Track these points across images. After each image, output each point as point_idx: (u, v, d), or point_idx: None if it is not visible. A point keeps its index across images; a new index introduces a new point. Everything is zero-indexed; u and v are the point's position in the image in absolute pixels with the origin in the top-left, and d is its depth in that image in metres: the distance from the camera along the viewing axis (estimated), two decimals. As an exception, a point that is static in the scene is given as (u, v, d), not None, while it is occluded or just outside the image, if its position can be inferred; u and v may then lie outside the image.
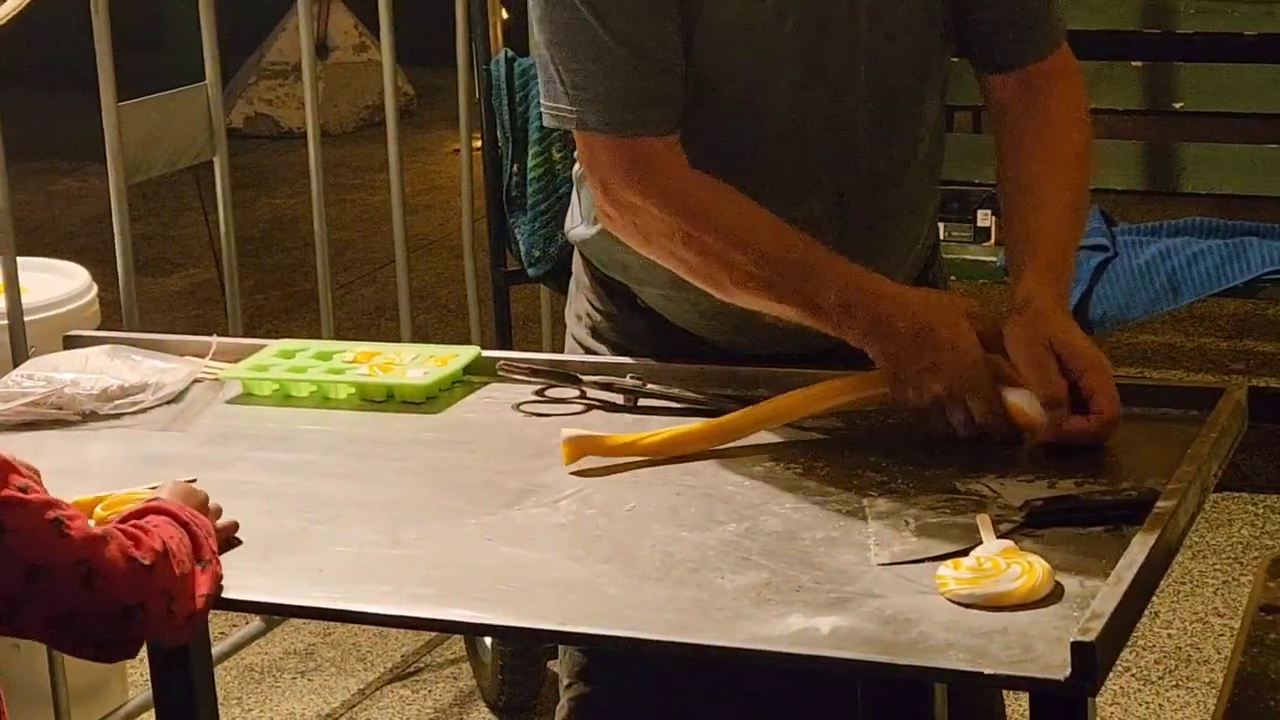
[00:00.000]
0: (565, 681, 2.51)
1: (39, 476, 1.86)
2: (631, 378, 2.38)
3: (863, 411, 2.27)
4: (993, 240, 5.05)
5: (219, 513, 2.04)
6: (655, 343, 2.45)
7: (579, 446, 2.20)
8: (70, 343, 2.71)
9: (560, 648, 2.59)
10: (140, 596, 1.81)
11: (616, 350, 2.48)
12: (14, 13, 3.01)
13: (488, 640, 3.94)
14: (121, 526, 1.85)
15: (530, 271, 3.78)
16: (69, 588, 1.77)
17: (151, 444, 2.37)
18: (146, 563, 1.81)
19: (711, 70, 2.26)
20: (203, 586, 1.89)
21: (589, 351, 2.50)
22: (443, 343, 3.03)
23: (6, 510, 1.75)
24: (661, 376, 2.38)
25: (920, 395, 2.16)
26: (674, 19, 2.22)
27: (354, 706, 4.10)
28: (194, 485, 2.07)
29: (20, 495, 1.76)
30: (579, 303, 2.54)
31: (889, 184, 2.38)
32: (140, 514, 1.91)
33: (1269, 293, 4.82)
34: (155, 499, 1.96)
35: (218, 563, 1.93)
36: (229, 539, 2.03)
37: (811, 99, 2.29)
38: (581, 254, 2.51)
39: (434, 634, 4.29)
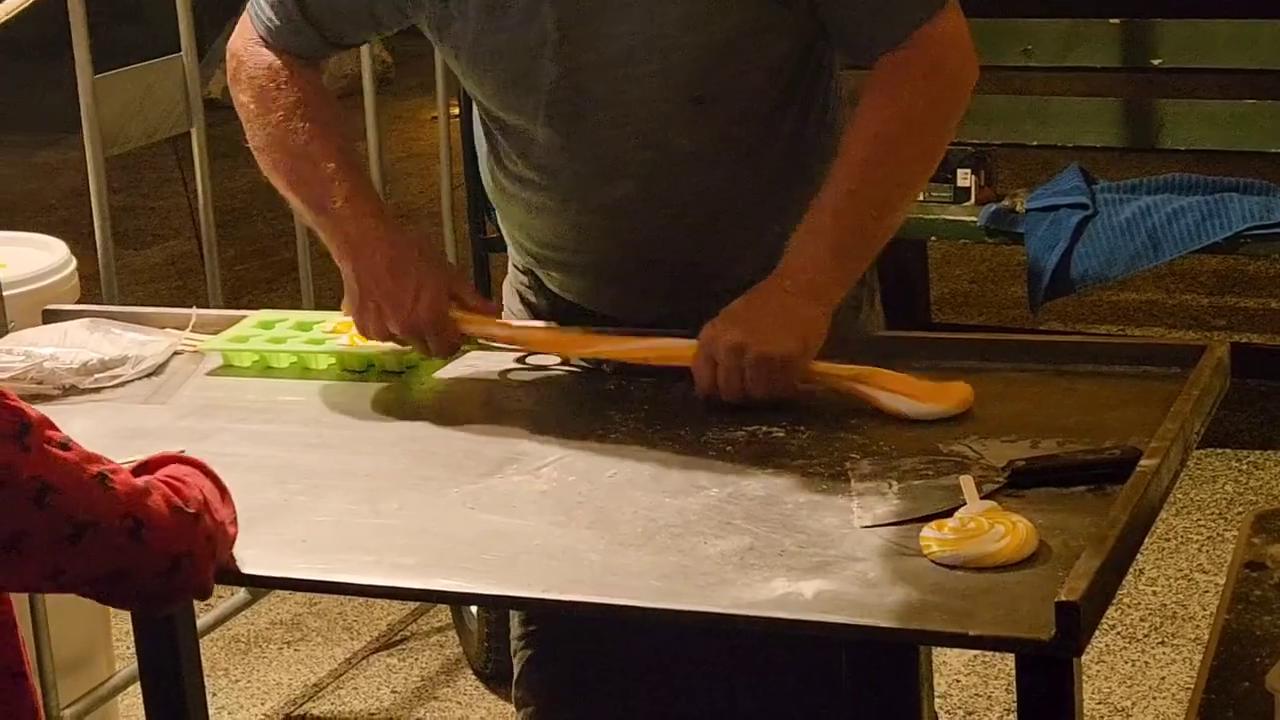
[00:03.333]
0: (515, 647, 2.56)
1: None
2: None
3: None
4: (973, 200, 5.04)
5: None
6: (553, 316, 2.51)
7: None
8: (49, 317, 2.70)
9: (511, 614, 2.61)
10: (188, 545, 1.78)
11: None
12: (16, 11, 3.00)
13: (474, 608, 3.94)
14: (161, 478, 1.82)
15: (510, 238, 3.76)
16: (118, 542, 1.73)
17: (132, 417, 2.36)
18: (191, 511, 1.79)
19: (482, 72, 2.37)
20: (233, 529, 1.89)
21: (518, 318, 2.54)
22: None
23: (51, 467, 1.69)
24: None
25: (379, 327, 2.32)
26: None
27: (340, 676, 4.10)
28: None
29: (62, 453, 1.72)
30: (510, 274, 2.60)
31: (705, 170, 2.35)
32: (162, 463, 1.89)
33: (1250, 249, 4.81)
34: (168, 453, 1.93)
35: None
36: None
37: (589, 84, 2.29)
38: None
39: (419, 603, 4.29)
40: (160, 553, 1.76)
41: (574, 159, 2.34)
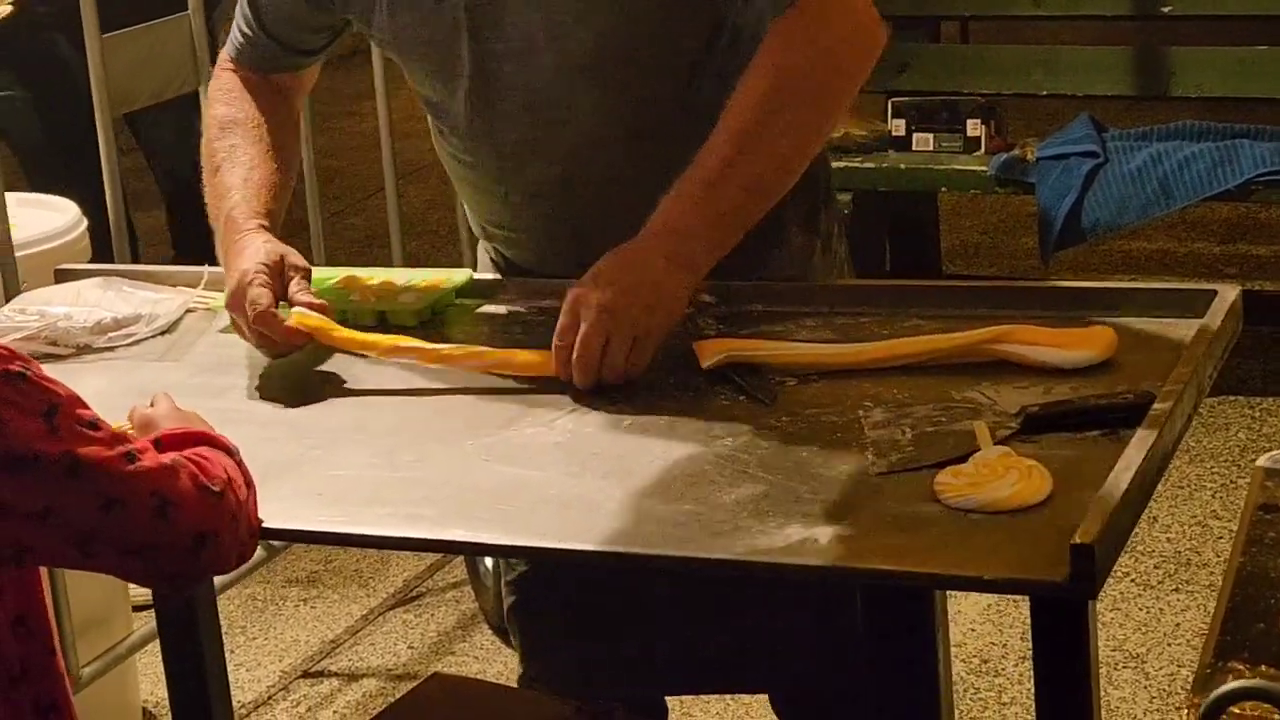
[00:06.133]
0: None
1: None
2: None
3: (856, 323, 2.27)
4: (983, 150, 5.02)
5: None
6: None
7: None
8: (62, 276, 2.70)
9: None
10: (212, 524, 1.80)
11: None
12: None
13: (488, 562, 3.95)
14: (187, 455, 1.84)
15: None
16: (143, 519, 1.75)
17: (146, 375, 2.37)
18: (216, 490, 1.81)
19: (408, 61, 2.42)
20: (254, 510, 1.89)
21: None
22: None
23: (80, 446, 1.73)
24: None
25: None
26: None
27: (357, 632, 4.11)
28: (172, 402, 2.05)
29: (91, 432, 1.74)
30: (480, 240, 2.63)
31: (620, 151, 2.35)
32: (186, 440, 1.90)
33: (1261, 195, 4.80)
34: (196, 429, 1.94)
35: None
36: None
37: (500, 71, 2.32)
38: None
39: (435, 558, 4.30)
40: (185, 531, 1.78)
41: (496, 143, 2.38)
